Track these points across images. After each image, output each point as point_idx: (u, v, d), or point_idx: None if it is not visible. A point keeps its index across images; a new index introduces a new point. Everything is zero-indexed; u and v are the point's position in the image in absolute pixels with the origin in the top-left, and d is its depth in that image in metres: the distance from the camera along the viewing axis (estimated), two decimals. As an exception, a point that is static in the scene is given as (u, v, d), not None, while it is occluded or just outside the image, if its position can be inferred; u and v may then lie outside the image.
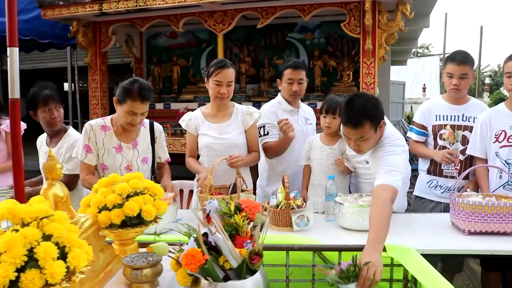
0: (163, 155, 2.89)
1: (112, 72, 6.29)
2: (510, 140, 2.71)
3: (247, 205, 1.38)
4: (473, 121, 2.91)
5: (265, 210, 2.41)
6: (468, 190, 2.65)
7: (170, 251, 1.40)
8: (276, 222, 2.37)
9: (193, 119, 2.91)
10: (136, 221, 1.54)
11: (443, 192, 2.96)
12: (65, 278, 1.08)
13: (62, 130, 2.99)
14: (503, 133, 2.73)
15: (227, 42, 5.84)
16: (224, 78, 2.74)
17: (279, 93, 3.17)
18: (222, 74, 2.74)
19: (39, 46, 6.28)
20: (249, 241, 1.31)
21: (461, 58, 2.81)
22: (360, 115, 2.12)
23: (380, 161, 2.19)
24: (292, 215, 2.31)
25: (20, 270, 1.02)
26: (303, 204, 2.43)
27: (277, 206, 2.39)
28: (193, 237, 1.32)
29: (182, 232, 1.43)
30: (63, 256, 1.10)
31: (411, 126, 3.17)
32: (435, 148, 2.98)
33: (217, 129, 2.85)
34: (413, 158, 5.51)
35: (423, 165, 3.10)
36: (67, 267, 1.08)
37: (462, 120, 2.93)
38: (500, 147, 2.74)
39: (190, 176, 3.07)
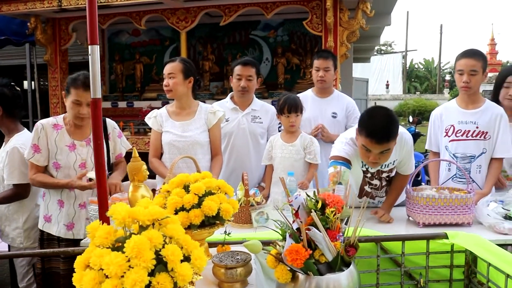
0: (119, 150, 2.86)
1: (73, 70, 6.10)
2: (458, 135, 2.82)
3: (331, 200, 1.39)
4: (393, 164, 2.53)
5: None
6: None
7: (263, 249, 1.39)
8: (236, 219, 2.39)
9: (158, 117, 2.93)
10: (213, 221, 1.50)
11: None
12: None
13: (12, 129, 2.90)
14: (452, 127, 2.85)
15: (190, 40, 5.81)
16: (165, 71, 2.83)
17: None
18: (165, 68, 2.84)
19: (-5, 43, 6.09)
20: (341, 234, 1.33)
21: (382, 136, 2.18)
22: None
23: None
24: (252, 212, 2.34)
25: (150, 274, 0.99)
26: (262, 200, 2.46)
27: (237, 203, 2.42)
28: (288, 233, 1.32)
29: (277, 229, 1.42)
30: (185, 257, 1.08)
31: (335, 161, 2.42)
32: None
33: (180, 127, 2.86)
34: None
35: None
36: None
37: (382, 167, 2.55)
38: (449, 141, 2.86)
39: (153, 175, 3.06)
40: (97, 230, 1.07)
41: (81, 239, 2.58)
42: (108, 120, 2.80)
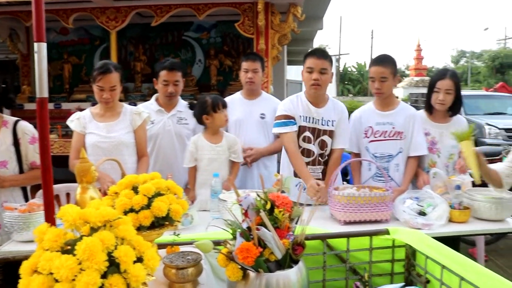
0: (32, 158, 2.68)
1: (-5, 69, 5.85)
2: (376, 136, 2.97)
3: (280, 202, 1.39)
4: (332, 125, 2.89)
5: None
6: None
7: (214, 248, 1.37)
8: (161, 221, 2.36)
9: (81, 118, 2.85)
10: (162, 222, 1.47)
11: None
12: None
13: None
14: (370, 129, 2.99)
15: (121, 40, 5.70)
16: (106, 84, 2.73)
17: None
18: (104, 80, 2.72)
19: None
20: (291, 233, 1.35)
21: (320, 53, 2.86)
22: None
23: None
24: (177, 214, 2.32)
25: (102, 276, 0.96)
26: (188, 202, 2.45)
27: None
28: (239, 232, 1.32)
29: (227, 228, 1.42)
30: (138, 258, 1.06)
31: (280, 121, 2.88)
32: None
33: (104, 128, 2.81)
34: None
35: (286, 167, 2.98)
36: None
37: (322, 124, 2.89)
38: (369, 142, 3.00)
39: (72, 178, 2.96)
40: (45, 233, 1.03)
41: None
42: (21, 123, 2.63)
